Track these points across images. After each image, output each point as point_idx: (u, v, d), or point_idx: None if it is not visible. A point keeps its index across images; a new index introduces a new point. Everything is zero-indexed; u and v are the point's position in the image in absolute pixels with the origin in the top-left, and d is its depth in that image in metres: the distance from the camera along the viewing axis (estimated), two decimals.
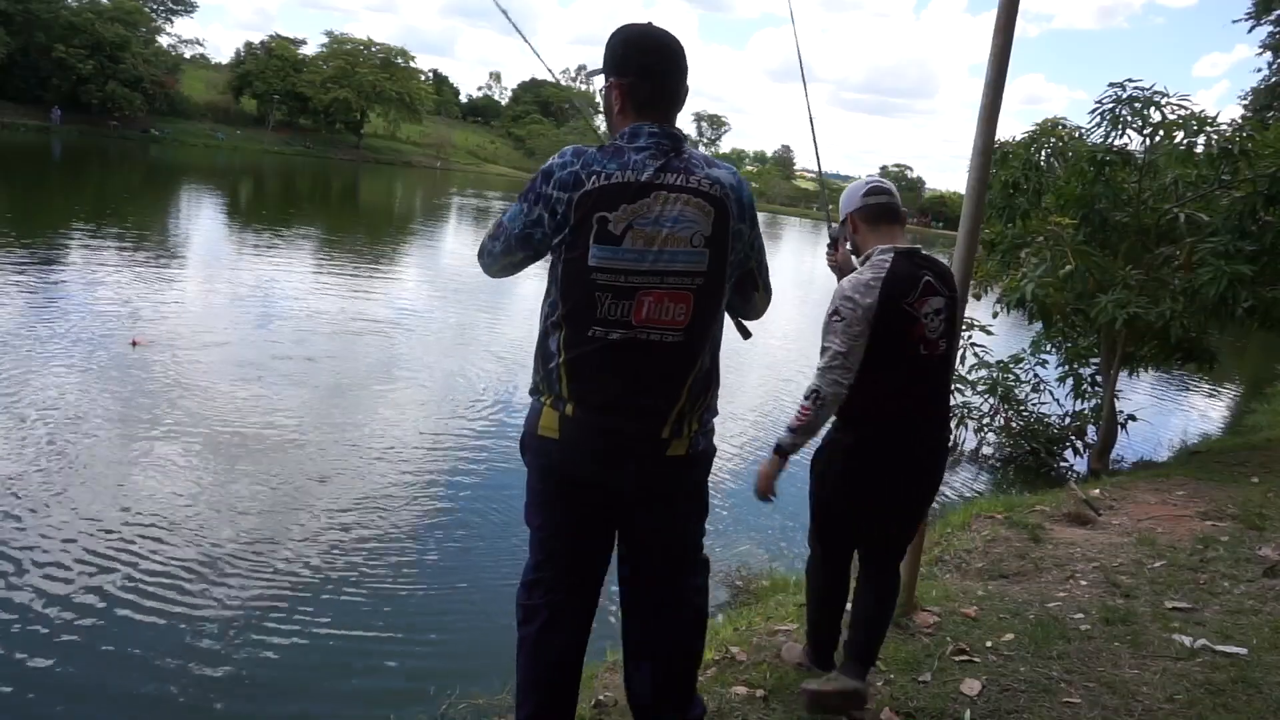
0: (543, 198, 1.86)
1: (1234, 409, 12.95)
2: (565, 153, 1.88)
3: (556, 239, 1.86)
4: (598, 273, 1.82)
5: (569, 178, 1.83)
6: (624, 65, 1.91)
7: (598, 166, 1.82)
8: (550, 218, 1.85)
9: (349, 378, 8.30)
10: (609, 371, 1.87)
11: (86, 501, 4.93)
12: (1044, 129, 7.55)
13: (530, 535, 2.16)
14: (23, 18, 41.50)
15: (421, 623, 4.18)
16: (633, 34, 1.93)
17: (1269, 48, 24.74)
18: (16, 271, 10.68)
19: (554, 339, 1.90)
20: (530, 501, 2.12)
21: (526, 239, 1.93)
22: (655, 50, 1.91)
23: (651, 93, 1.90)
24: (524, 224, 1.91)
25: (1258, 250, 6.68)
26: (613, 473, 1.95)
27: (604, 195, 1.81)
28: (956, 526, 5.18)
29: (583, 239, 1.81)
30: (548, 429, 1.95)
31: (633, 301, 1.84)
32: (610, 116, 1.96)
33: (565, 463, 1.98)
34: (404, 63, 62.34)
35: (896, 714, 2.66)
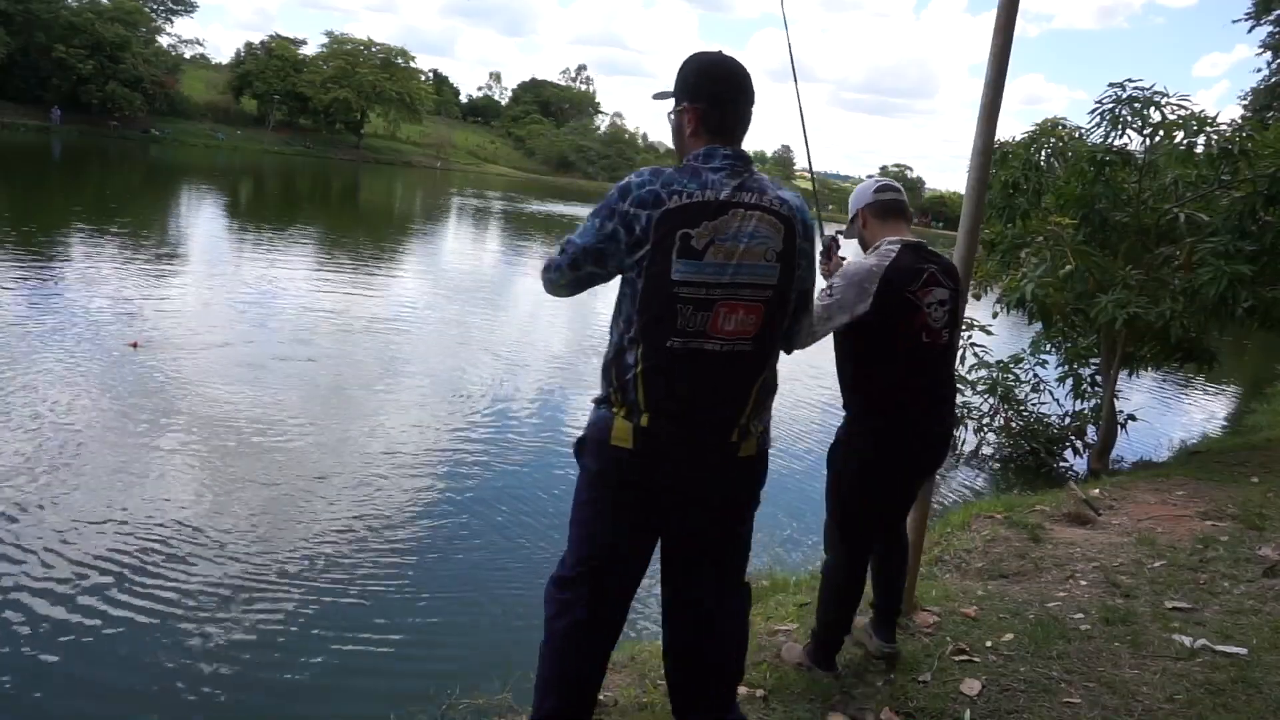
0: (618, 213, 1.93)
1: (1234, 409, 12.95)
2: (643, 172, 1.96)
3: (634, 256, 1.92)
4: (681, 286, 1.90)
5: (649, 196, 1.91)
6: (697, 92, 2.02)
7: (678, 185, 1.91)
8: (626, 234, 1.92)
9: (349, 378, 8.30)
10: (685, 380, 1.95)
11: (87, 502, 4.93)
12: (1044, 129, 7.55)
13: (572, 533, 2.14)
14: (23, 18, 41.50)
15: (422, 623, 4.19)
16: (705, 62, 2.05)
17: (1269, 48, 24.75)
18: (16, 272, 10.68)
19: (631, 352, 1.96)
20: (582, 502, 2.12)
21: (599, 254, 1.98)
22: (726, 78, 2.03)
23: (722, 118, 2.01)
24: (597, 239, 1.97)
25: (1258, 250, 6.68)
26: (686, 479, 2.01)
27: (686, 213, 1.89)
28: (956, 526, 5.18)
29: (665, 254, 1.89)
30: (620, 439, 1.98)
31: (710, 313, 1.92)
32: (680, 139, 2.06)
33: (636, 471, 2.01)
34: (404, 63, 62.33)
35: (896, 714, 2.67)
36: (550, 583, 2.16)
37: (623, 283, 1.98)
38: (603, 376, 2.05)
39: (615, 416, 1.98)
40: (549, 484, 6.12)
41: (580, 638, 2.11)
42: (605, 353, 2.04)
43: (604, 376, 2.04)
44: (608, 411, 2.01)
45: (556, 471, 6.41)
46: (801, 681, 2.81)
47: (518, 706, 3.11)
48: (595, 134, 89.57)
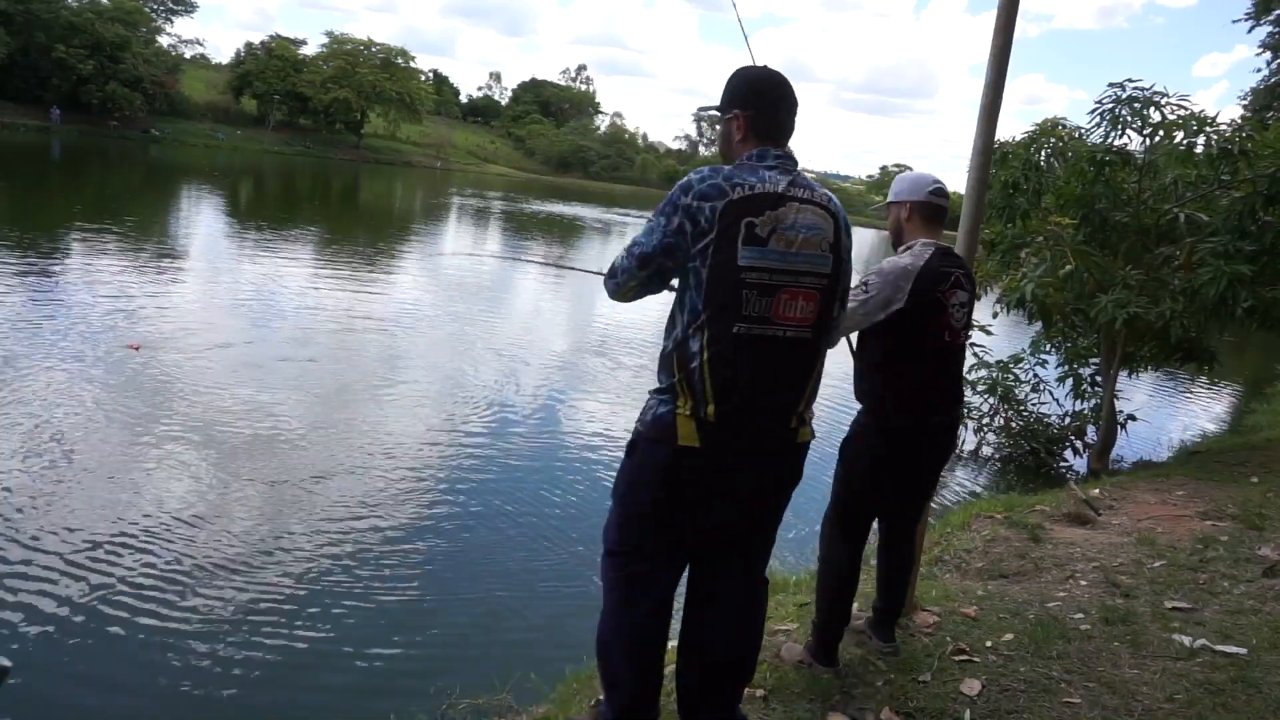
0: (682, 208, 2.01)
1: (1234, 409, 12.95)
2: (702, 170, 2.05)
3: (699, 245, 1.99)
4: (747, 272, 1.98)
5: (711, 189, 2.00)
6: (746, 100, 2.15)
7: (738, 179, 2.01)
8: (692, 226, 1.99)
9: (350, 378, 8.30)
10: (749, 366, 2.01)
11: (87, 502, 4.93)
12: (1044, 129, 7.54)
13: (622, 535, 2.18)
14: (23, 18, 41.49)
15: (422, 623, 4.19)
16: (753, 75, 2.19)
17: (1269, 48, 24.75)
18: (17, 273, 10.67)
19: (695, 340, 2.01)
20: (634, 502, 2.15)
21: (668, 249, 2.04)
22: (773, 88, 2.17)
23: (769, 123, 2.14)
24: (664, 235, 2.04)
25: (1257, 250, 6.68)
26: (746, 467, 2.09)
27: (749, 203, 1.99)
28: (956, 526, 5.19)
29: (730, 242, 1.97)
30: (688, 438, 2.02)
31: (773, 299, 2.01)
32: (729, 144, 2.17)
33: (699, 470, 2.05)
34: (404, 63, 62.31)
35: (896, 714, 2.67)
36: (612, 576, 2.19)
37: (685, 275, 2.04)
38: (662, 368, 2.09)
39: (679, 416, 2.02)
40: (550, 484, 6.13)
41: (648, 635, 2.18)
42: (663, 346, 2.09)
43: (664, 368, 2.09)
44: (669, 410, 2.04)
45: (558, 472, 6.42)
46: (801, 681, 2.81)
47: (518, 706, 3.12)
48: (595, 134, 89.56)
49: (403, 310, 11.89)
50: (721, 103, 2.19)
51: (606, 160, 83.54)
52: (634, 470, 2.13)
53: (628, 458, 2.15)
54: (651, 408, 2.09)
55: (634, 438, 2.13)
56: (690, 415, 2.01)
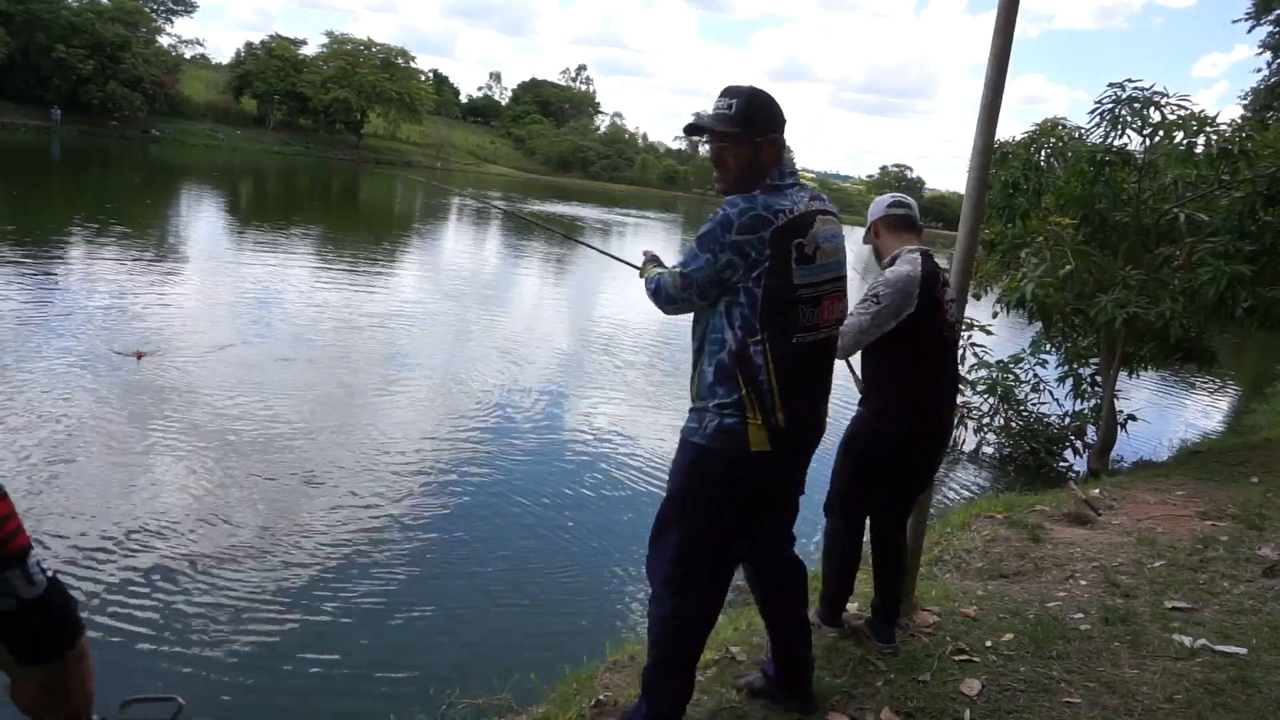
0: (728, 245, 2.12)
1: (1234, 409, 12.94)
2: (735, 202, 2.15)
3: (754, 273, 2.12)
4: (801, 288, 2.17)
5: (754, 221, 2.12)
6: (778, 123, 2.27)
7: (776, 206, 2.15)
8: (742, 259, 2.12)
9: (352, 378, 8.30)
10: (806, 373, 2.22)
11: (88, 502, 4.94)
12: (1044, 129, 7.54)
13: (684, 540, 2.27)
14: (23, 18, 41.48)
15: (422, 623, 4.19)
16: (770, 97, 2.28)
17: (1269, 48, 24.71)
18: (17, 273, 10.67)
19: (758, 353, 2.15)
20: (703, 513, 2.26)
21: (720, 281, 2.16)
22: (781, 110, 2.30)
23: (781, 144, 2.29)
24: (715, 270, 2.15)
25: (1257, 250, 6.68)
26: (802, 462, 2.36)
27: (794, 227, 2.15)
28: (956, 526, 5.18)
29: (784, 264, 2.13)
30: (760, 445, 2.16)
31: (819, 307, 2.22)
32: (756, 165, 2.23)
33: (770, 474, 2.25)
34: (404, 63, 62.29)
35: (896, 714, 2.67)
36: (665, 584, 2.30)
37: (735, 293, 2.15)
38: (721, 380, 2.18)
39: (750, 424, 2.15)
40: (551, 485, 6.13)
41: (700, 633, 2.38)
42: (717, 358, 2.18)
43: (725, 380, 2.17)
44: (738, 420, 2.16)
45: (559, 472, 6.42)
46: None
47: (517, 706, 3.12)
48: (595, 134, 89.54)
49: (406, 309, 11.89)
50: (750, 127, 2.22)
51: (606, 160, 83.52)
52: (705, 482, 2.22)
53: (690, 475, 2.23)
54: (712, 421, 2.18)
55: (696, 455, 2.21)
56: (762, 424, 2.15)
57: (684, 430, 2.27)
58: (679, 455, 2.28)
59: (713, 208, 2.24)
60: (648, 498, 6.12)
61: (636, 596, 4.70)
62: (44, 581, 1.01)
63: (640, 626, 4.29)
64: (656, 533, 2.33)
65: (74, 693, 1.08)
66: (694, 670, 2.45)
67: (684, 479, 2.26)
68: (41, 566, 1.02)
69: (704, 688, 2.80)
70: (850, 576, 3.14)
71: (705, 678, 2.89)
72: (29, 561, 1.00)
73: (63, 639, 1.05)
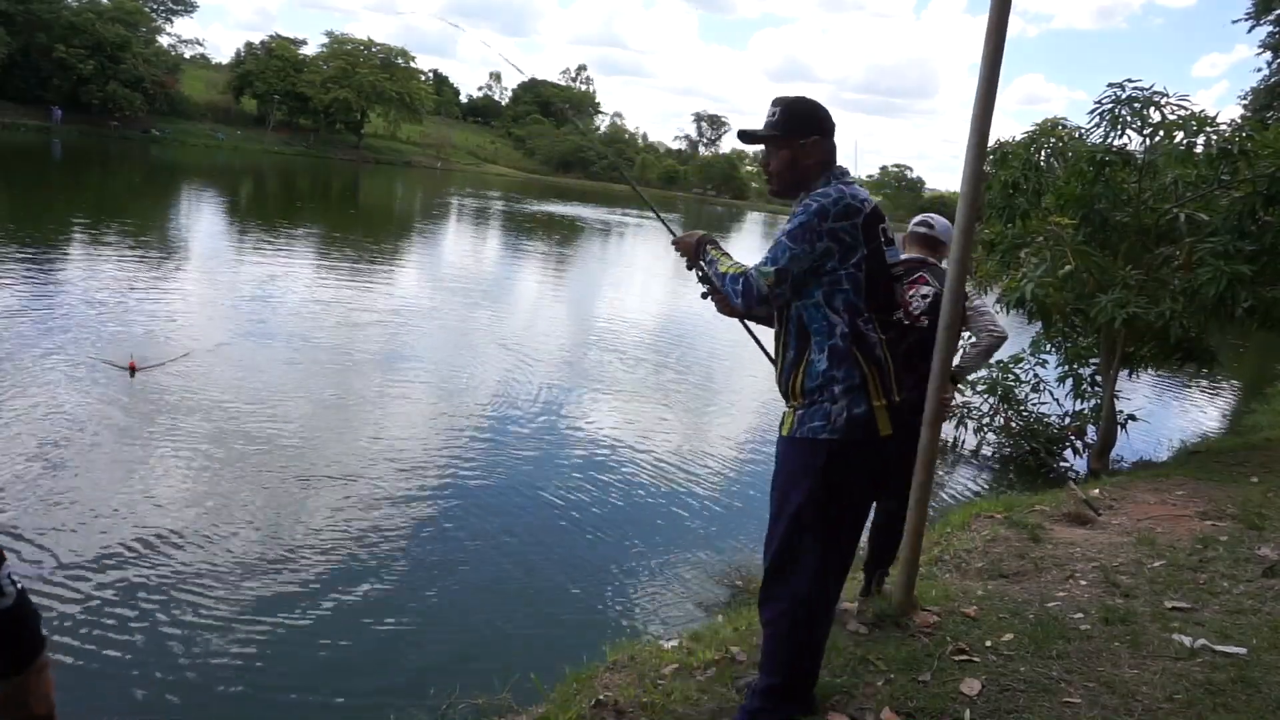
0: (824, 233, 2.22)
1: (1234, 409, 12.94)
2: (827, 192, 2.27)
3: (852, 258, 2.24)
4: (894, 267, 2.35)
5: (845, 209, 2.24)
6: (819, 127, 2.39)
7: (859, 195, 2.30)
8: (838, 245, 2.23)
9: (354, 377, 8.30)
10: (902, 347, 2.39)
11: (90, 502, 4.94)
12: (1044, 129, 7.54)
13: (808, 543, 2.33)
14: (23, 18, 41.49)
15: (422, 623, 4.19)
16: (814, 103, 2.44)
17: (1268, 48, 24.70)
18: (17, 274, 10.67)
19: (869, 329, 2.27)
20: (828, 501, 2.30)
21: (816, 271, 2.24)
22: (829, 116, 2.44)
23: (832, 147, 2.42)
24: (813, 259, 2.23)
25: (1257, 250, 6.67)
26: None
27: (876, 214, 2.31)
28: (956, 526, 5.18)
29: (877, 246, 2.28)
30: (886, 428, 2.27)
31: (903, 290, 2.45)
32: (799, 165, 2.38)
33: (889, 455, 2.35)
34: (404, 63, 62.30)
35: (896, 714, 2.67)
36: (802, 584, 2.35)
37: (833, 278, 2.24)
38: (838, 364, 2.24)
39: (877, 408, 2.25)
40: (551, 485, 6.13)
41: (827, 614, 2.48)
42: (829, 344, 2.25)
43: (842, 362, 2.24)
44: (865, 406, 2.24)
45: (559, 473, 6.42)
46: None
47: (517, 706, 3.12)
48: (595, 134, 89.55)
49: (408, 306, 11.89)
50: (789, 128, 2.38)
51: (606, 160, 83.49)
52: (842, 476, 2.26)
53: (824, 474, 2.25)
54: (840, 414, 2.23)
55: (829, 451, 2.24)
56: (885, 405, 2.26)
57: (801, 431, 2.27)
58: (800, 457, 2.28)
59: (712, 208, 2.25)
60: (648, 498, 6.12)
61: (637, 597, 4.70)
62: (14, 594, 1.02)
63: (641, 627, 4.30)
64: (788, 542, 2.33)
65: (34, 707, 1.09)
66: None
67: (813, 479, 2.26)
68: (12, 579, 1.03)
69: (703, 687, 2.80)
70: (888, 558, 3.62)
71: (705, 678, 2.89)
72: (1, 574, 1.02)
73: (26, 653, 1.07)
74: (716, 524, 5.81)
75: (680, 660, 3.06)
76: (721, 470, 6.94)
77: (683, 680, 2.88)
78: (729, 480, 6.69)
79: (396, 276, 15.44)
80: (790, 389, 2.32)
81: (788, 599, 2.37)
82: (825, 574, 2.36)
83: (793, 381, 2.30)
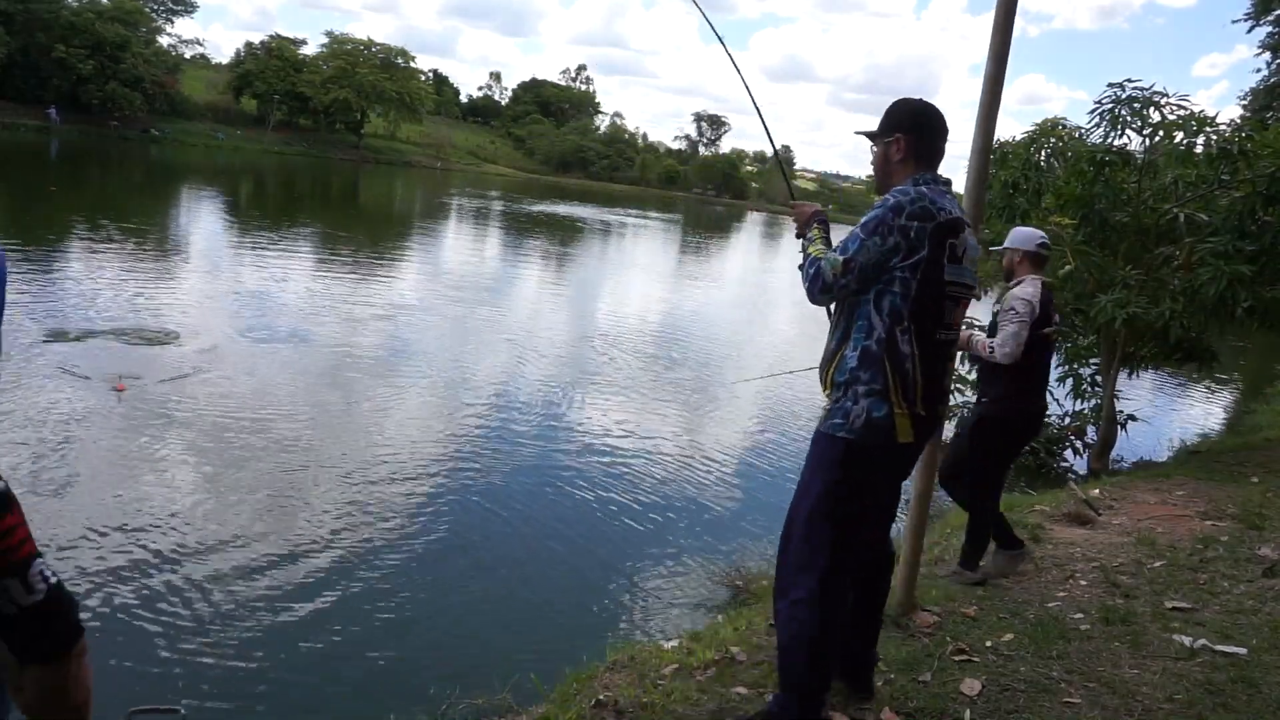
0: (896, 229, 2.23)
1: (1234, 409, 12.94)
2: (906, 191, 2.29)
3: (911, 259, 2.23)
4: (950, 286, 2.30)
5: (921, 211, 2.24)
6: (908, 126, 2.40)
7: (940, 203, 2.28)
8: (905, 242, 2.23)
9: (360, 376, 8.30)
10: (940, 367, 2.34)
11: (92, 502, 4.94)
12: (1044, 129, 7.54)
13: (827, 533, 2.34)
14: (23, 18, 41.45)
15: (422, 623, 4.19)
16: (914, 103, 2.47)
17: (1268, 48, 24.67)
18: (19, 273, 10.67)
19: (905, 342, 2.26)
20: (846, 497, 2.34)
21: (882, 266, 2.25)
22: (933, 117, 2.44)
23: (927, 149, 2.40)
24: (882, 253, 2.24)
25: (1257, 250, 6.67)
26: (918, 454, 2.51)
27: (950, 226, 2.28)
28: (956, 527, 5.18)
29: (938, 259, 2.25)
30: (906, 436, 2.28)
31: (957, 308, 2.37)
32: (888, 165, 2.41)
33: (908, 461, 2.42)
34: (404, 63, 62.28)
35: (896, 714, 2.67)
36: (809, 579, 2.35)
37: (890, 281, 2.25)
38: (866, 365, 2.27)
39: (898, 415, 2.25)
40: (552, 486, 6.13)
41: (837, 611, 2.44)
42: (863, 345, 2.27)
43: (870, 365, 2.27)
44: (886, 410, 2.25)
45: (559, 473, 6.42)
46: None
47: (517, 706, 3.11)
48: (595, 134, 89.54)
49: (412, 307, 11.89)
50: (881, 127, 2.42)
51: (606, 160, 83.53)
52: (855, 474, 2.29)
53: (839, 469, 2.29)
54: (859, 415, 2.25)
55: (844, 449, 2.28)
56: (907, 414, 2.25)
57: (825, 425, 2.32)
58: (823, 451, 2.33)
59: (713, 208, 2.25)
60: (648, 497, 6.12)
61: (637, 597, 4.70)
62: (44, 589, 1.05)
63: (641, 627, 4.29)
64: (805, 530, 2.36)
65: (72, 694, 1.12)
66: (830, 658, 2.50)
67: (832, 472, 2.30)
68: (44, 574, 1.06)
69: (703, 687, 2.80)
70: (990, 525, 4.03)
71: (705, 678, 2.89)
72: (30, 571, 1.05)
73: (61, 643, 1.10)
74: (717, 524, 5.81)
75: (680, 660, 3.06)
76: (722, 470, 6.94)
77: (683, 680, 2.88)
78: (729, 480, 6.69)
79: (398, 276, 15.44)
80: (824, 379, 2.37)
81: (803, 589, 2.37)
82: (837, 571, 2.35)
83: (827, 372, 2.35)
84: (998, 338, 3.72)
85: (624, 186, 77.11)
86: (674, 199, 72.41)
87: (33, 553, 1.06)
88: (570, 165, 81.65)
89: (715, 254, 33.30)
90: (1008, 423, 3.87)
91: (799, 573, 2.37)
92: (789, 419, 8.83)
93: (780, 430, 8.40)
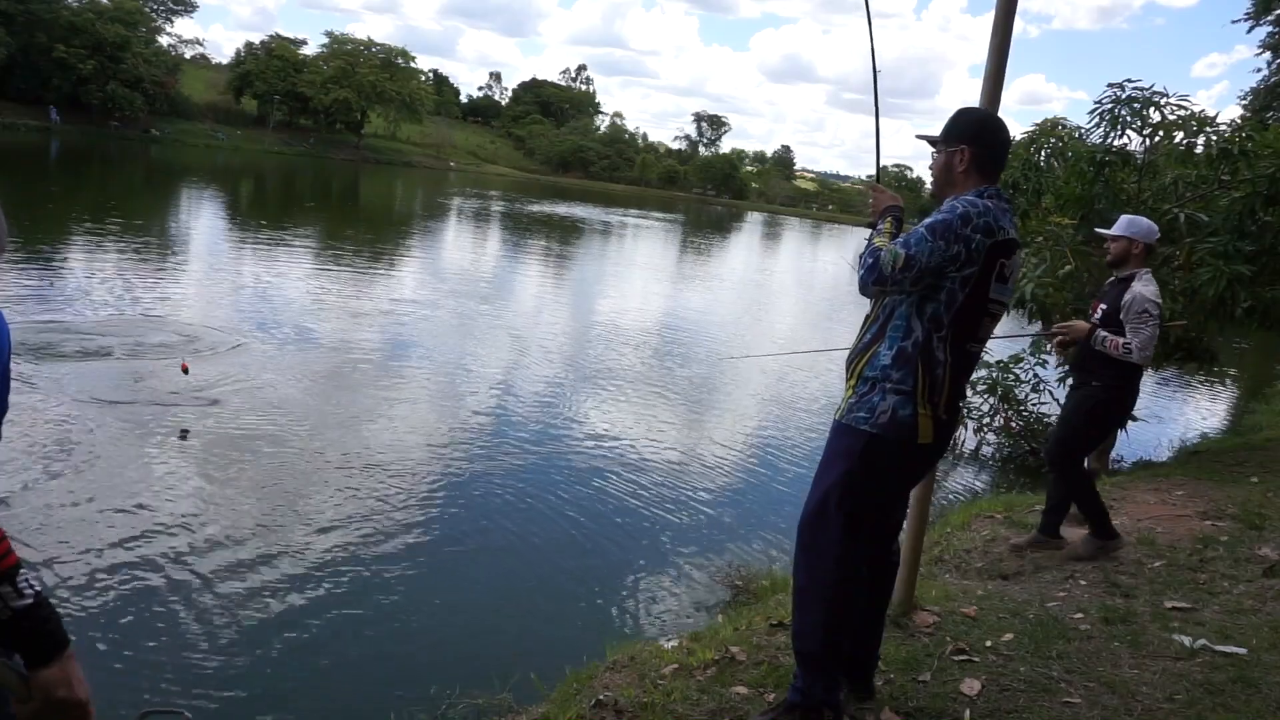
0: (962, 238, 2.25)
1: (1234, 409, 12.94)
2: (976, 203, 2.30)
3: (963, 272, 2.27)
4: (992, 304, 2.36)
5: (985, 225, 2.27)
6: (974, 137, 2.41)
7: (1001, 222, 2.31)
8: (966, 253, 2.26)
9: (362, 373, 8.30)
10: (961, 377, 2.39)
11: (94, 503, 4.94)
12: (1044, 129, 7.54)
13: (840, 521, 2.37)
14: (23, 18, 41.50)
15: (422, 622, 4.19)
16: (980, 115, 2.53)
17: (1268, 48, 24.67)
18: (18, 274, 10.67)
19: (940, 348, 2.31)
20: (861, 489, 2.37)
21: (940, 270, 2.27)
22: (998, 129, 2.48)
23: (991, 161, 2.42)
24: (943, 258, 2.26)
25: (1257, 250, 6.67)
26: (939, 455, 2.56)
27: (1005, 246, 2.32)
28: (956, 526, 5.19)
29: (987, 277, 2.30)
30: (926, 437, 2.32)
31: (992, 324, 2.42)
32: (951, 174, 2.42)
33: (924, 462, 2.48)
34: (404, 63, 62.36)
35: (896, 714, 2.67)
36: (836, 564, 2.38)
37: (936, 288, 2.28)
38: (899, 365, 2.30)
39: (921, 415, 2.29)
40: (552, 486, 6.13)
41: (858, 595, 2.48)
42: (899, 344, 2.31)
43: (903, 365, 2.30)
44: (911, 410, 2.29)
45: (559, 474, 6.42)
46: None
47: (517, 706, 3.12)
48: (595, 134, 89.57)
49: (415, 306, 11.89)
50: (945, 135, 2.43)
51: (606, 160, 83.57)
52: (873, 468, 2.33)
53: (858, 460, 2.33)
54: (885, 411, 2.28)
55: (866, 441, 2.31)
56: (930, 416, 2.30)
57: (848, 418, 2.34)
58: (842, 441, 2.36)
59: (713, 208, 2.25)
60: (648, 497, 6.12)
61: (637, 597, 4.70)
62: (32, 594, 1.15)
63: (641, 627, 4.30)
64: (817, 517, 2.38)
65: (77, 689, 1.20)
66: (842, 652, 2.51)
67: (851, 463, 2.33)
68: (29, 581, 1.15)
69: (703, 687, 2.81)
70: (1098, 499, 4.29)
71: (705, 678, 2.89)
72: (18, 578, 1.14)
73: (59, 642, 1.19)
74: (717, 524, 5.81)
75: (680, 660, 3.05)
76: (722, 470, 6.94)
77: (683, 680, 2.88)
78: (730, 480, 6.69)
79: (399, 275, 15.44)
80: (853, 369, 2.39)
81: (819, 568, 2.41)
82: (849, 560, 2.38)
83: (857, 363, 2.37)
84: (1136, 340, 3.90)
85: (624, 187, 77.13)
86: (674, 199, 72.44)
87: (17, 562, 1.15)
88: (570, 165, 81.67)
89: (716, 254, 33.29)
90: (1123, 404, 4.25)
91: (811, 555, 2.41)
92: (790, 419, 8.84)
93: (781, 430, 8.40)
